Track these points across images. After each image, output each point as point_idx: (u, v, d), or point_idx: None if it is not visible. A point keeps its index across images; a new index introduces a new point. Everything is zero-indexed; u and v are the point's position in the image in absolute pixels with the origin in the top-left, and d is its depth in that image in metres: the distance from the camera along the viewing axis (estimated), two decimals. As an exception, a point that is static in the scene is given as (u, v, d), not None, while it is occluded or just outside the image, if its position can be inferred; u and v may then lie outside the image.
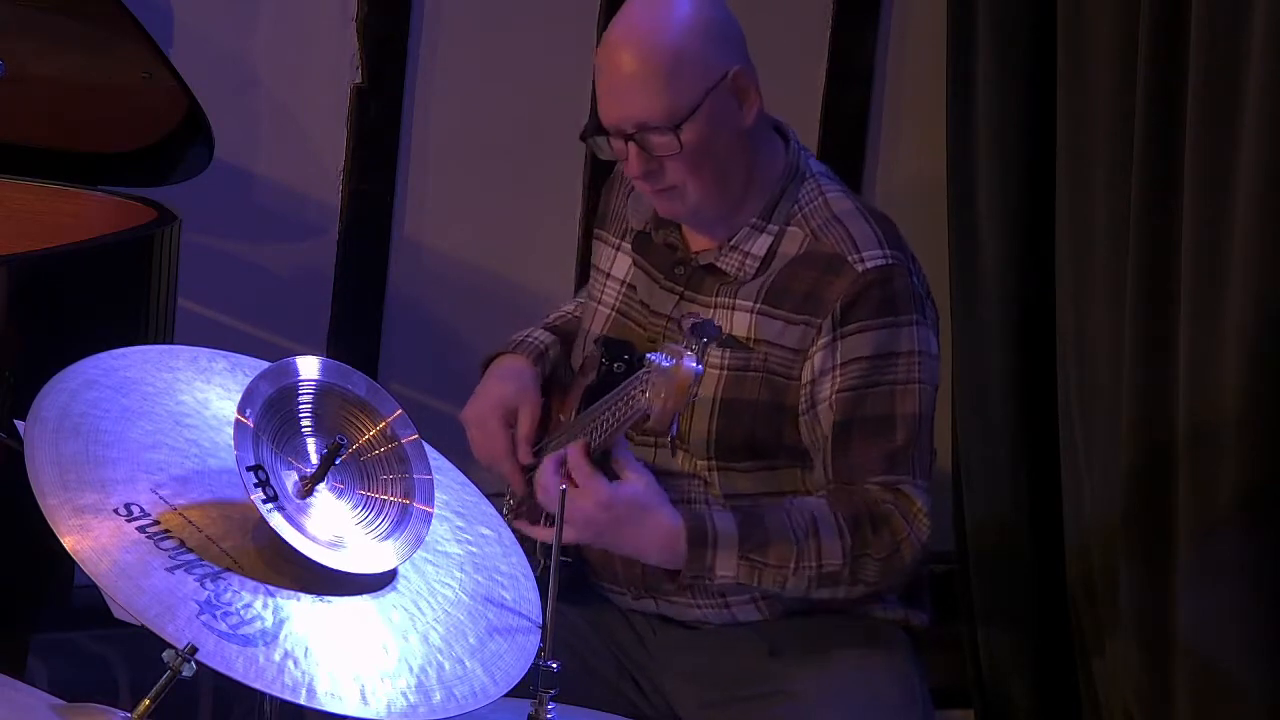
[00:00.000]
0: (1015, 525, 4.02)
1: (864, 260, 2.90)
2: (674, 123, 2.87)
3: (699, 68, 2.89)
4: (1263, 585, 3.39)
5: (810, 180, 2.99)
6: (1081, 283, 3.75)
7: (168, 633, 2.16)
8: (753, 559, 2.88)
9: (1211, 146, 3.36)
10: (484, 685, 2.30)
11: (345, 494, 2.34)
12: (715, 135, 2.90)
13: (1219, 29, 3.33)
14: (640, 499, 2.86)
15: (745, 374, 2.93)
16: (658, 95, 2.87)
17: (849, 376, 2.89)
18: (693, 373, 2.62)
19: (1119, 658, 3.68)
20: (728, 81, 2.90)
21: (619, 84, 2.91)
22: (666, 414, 2.66)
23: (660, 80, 2.87)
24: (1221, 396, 3.38)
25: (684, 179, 2.92)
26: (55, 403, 2.34)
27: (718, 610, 3.00)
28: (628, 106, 2.90)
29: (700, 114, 2.87)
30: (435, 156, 4.17)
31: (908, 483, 2.91)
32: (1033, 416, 3.98)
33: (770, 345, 2.92)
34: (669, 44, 2.88)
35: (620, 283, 3.08)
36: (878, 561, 2.89)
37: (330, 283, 4.14)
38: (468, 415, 3.09)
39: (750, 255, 2.95)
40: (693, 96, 2.87)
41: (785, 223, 2.96)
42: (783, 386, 2.92)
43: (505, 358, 3.15)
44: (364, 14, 4.05)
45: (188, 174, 3.58)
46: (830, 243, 2.93)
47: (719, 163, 2.92)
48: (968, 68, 4.03)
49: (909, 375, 2.91)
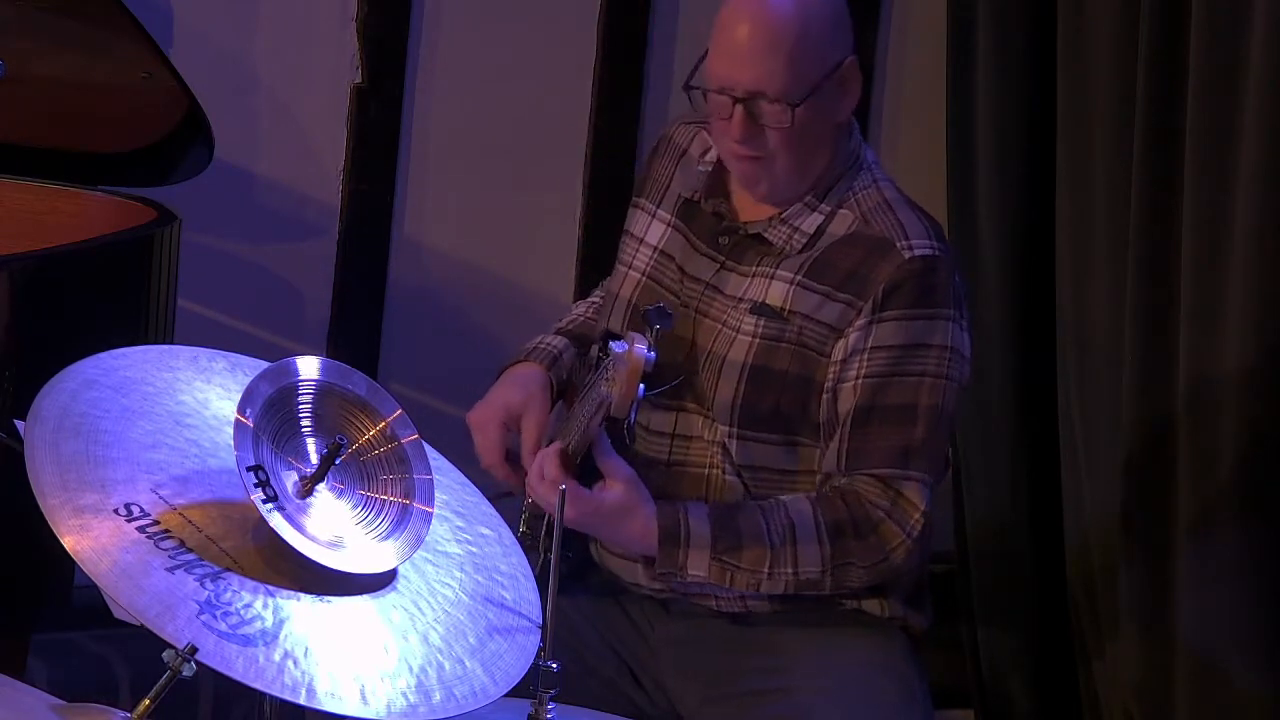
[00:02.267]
0: (1015, 525, 4.02)
1: (912, 248, 2.90)
2: (791, 99, 2.87)
3: (823, 50, 2.89)
4: (1263, 585, 3.39)
5: (866, 170, 3.00)
6: (1081, 283, 3.75)
7: (168, 633, 2.16)
8: (725, 560, 2.88)
9: (1211, 146, 3.36)
10: (484, 685, 2.30)
11: (345, 494, 2.34)
12: (819, 120, 2.91)
13: (1219, 29, 3.33)
14: (620, 501, 2.87)
15: (778, 344, 2.92)
16: (783, 69, 2.87)
17: (877, 362, 2.89)
18: (643, 358, 2.64)
19: (1119, 658, 3.68)
20: (841, 69, 2.91)
21: (743, 47, 2.89)
22: (624, 400, 2.66)
23: (786, 54, 2.87)
24: (1221, 396, 3.38)
25: (779, 152, 2.92)
26: (55, 403, 2.34)
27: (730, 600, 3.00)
28: (749, 70, 2.88)
29: (814, 96, 2.88)
30: (435, 156, 4.17)
31: (913, 480, 2.89)
32: (1033, 416, 3.98)
33: (806, 319, 2.92)
34: (801, 19, 2.88)
35: (654, 249, 3.08)
36: (863, 568, 2.89)
37: (330, 283, 4.14)
38: (471, 419, 3.09)
39: (799, 230, 2.96)
40: (813, 77, 2.88)
41: (838, 205, 2.96)
42: (814, 361, 2.92)
43: (517, 365, 3.15)
44: (364, 14, 4.05)
45: (188, 174, 3.58)
46: (880, 227, 2.93)
47: (811, 147, 2.93)
48: (968, 67, 4.03)
49: (939, 369, 2.90)
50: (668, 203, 3.10)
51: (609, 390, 2.69)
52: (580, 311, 3.28)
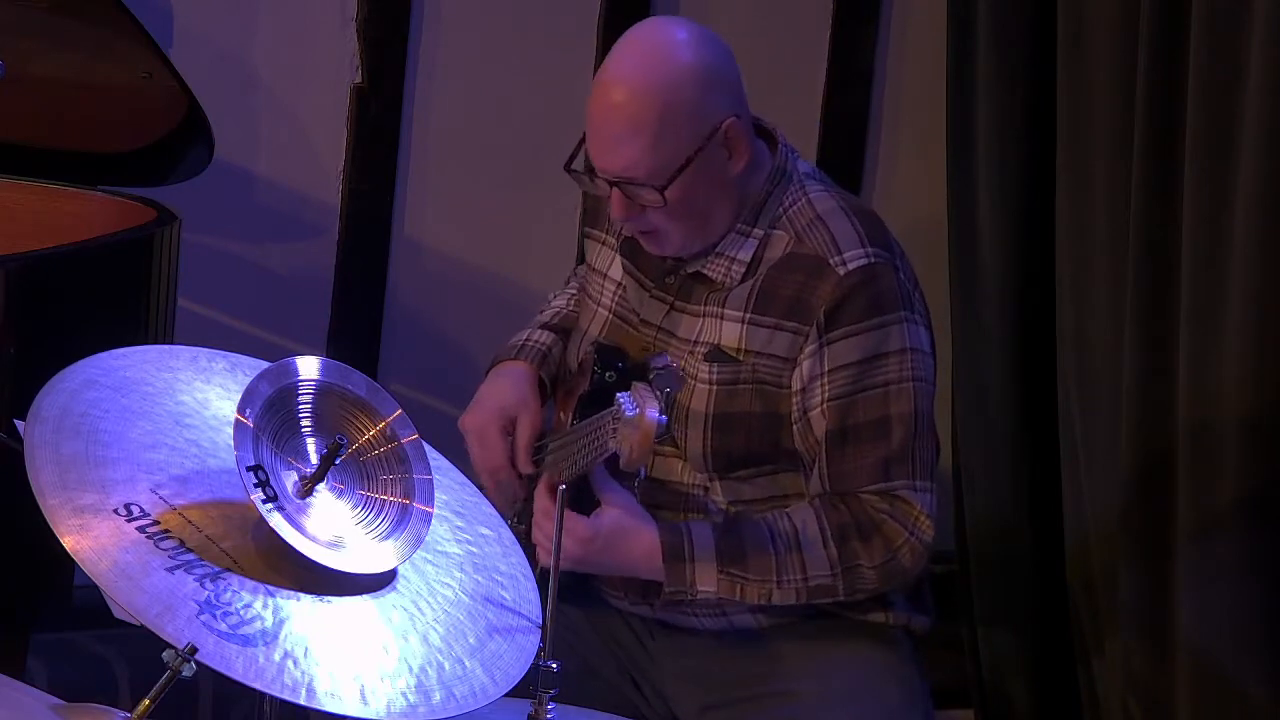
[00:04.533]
0: (1015, 525, 4.02)
1: (846, 262, 2.87)
2: (659, 182, 2.83)
3: (690, 124, 2.83)
4: (1263, 585, 3.39)
5: (795, 182, 2.95)
6: (1081, 283, 3.75)
7: (168, 633, 2.16)
8: (732, 573, 2.87)
9: (1211, 147, 3.35)
10: (484, 685, 2.30)
11: (345, 494, 2.34)
12: (701, 187, 2.86)
13: (1219, 29, 3.33)
14: (619, 524, 2.86)
15: (736, 387, 2.91)
16: (644, 153, 2.82)
17: (838, 384, 2.87)
18: (655, 423, 2.62)
19: (1119, 658, 3.68)
20: (719, 135, 2.85)
21: (607, 132, 2.85)
22: (634, 462, 2.67)
23: (648, 138, 2.82)
24: (1221, 396, 3.38)
25: (667, 225, 2.90)
26: (55, 403, 2.33)
27: (715, 618, 2.99)
28: (614, 157, 2.85)
29: (687, 172, 2.83)
30: (435, 156, 4.17)
31: (905, 487, 2.88)
32: (1033, 416, 3.98)
33: (759, 355, 2.90)
34: (660, 100, 2.82)
35: (616, 284, 3.07)
36: (873, 570, 2.88)
37: (330, 283, 4.14)
38: (466, 424, 3.08)
39: (736, 260, 2.93)
40: (680, 155, 2.83)
41: (770, 226, 2.93)
42: (775, 395, 2.90)
43: (506, 363, 3.14)
44: (364, 14, 4.05)
45: (188, 174, 3.58)
46: (812, 244, 2.90)
47: (703, 209, 2.89)
48: (968, 68, 4.03)
49: (901, 374, 2.88)
50: (614, 231, 3.08)
51: (617, 446, 2.68)
52: (560, 304, 3.26)
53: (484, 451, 3.05)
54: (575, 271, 3.30)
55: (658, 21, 2.98)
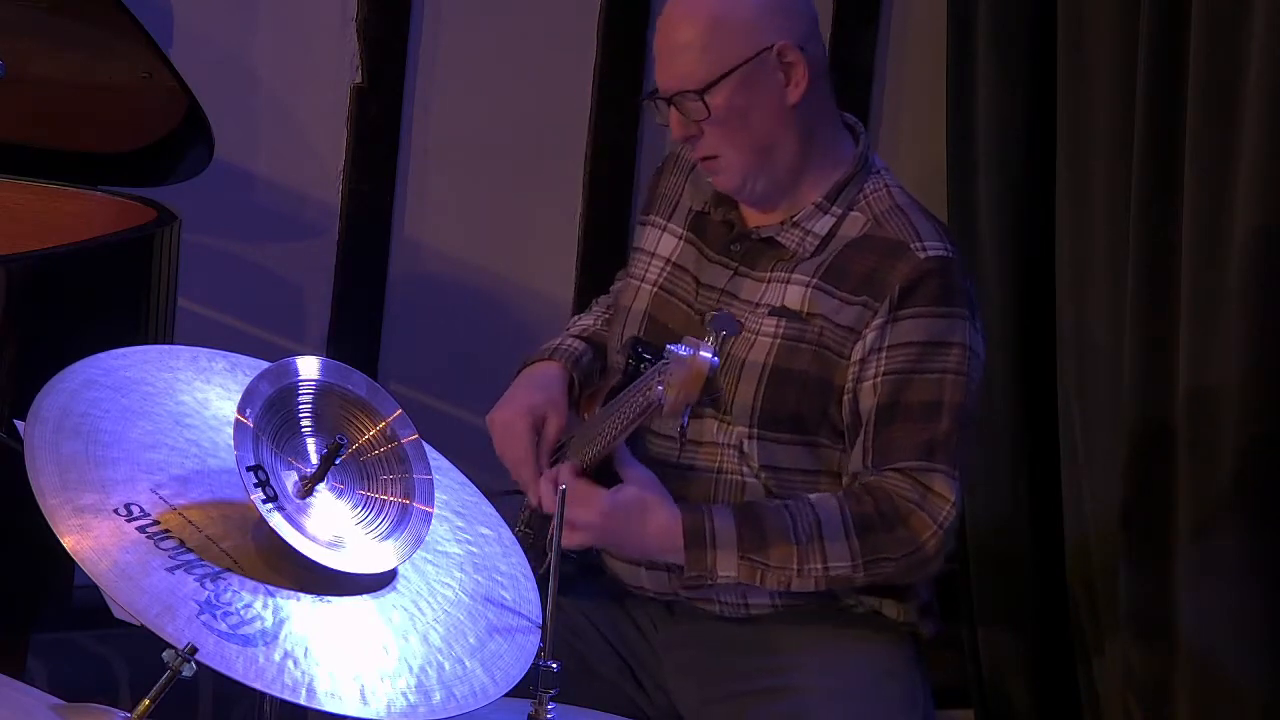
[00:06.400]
0: (1015, 525, 4.02)
1: (926, 249, 2.89)
2: (698, 87, 2.87)
3: (739, 35, 2.88)
4: (1263, 584, 3.39)
5: (876, 174, 2.99)
6: (1081, 283, 3.75)
7: (168, 633, 2.16)
8: (753, 559, 2.87)
9: (1211, 146, 3.36)
10: (484, 685, 2.30)
11: (345, 494, 2.34)
12: (749, 106, 2.89)
13: (1219, 29, 3.33)
14: (638, 499, 2.86)
15: (799, 345, 2.92)
16: (693, 61, 2.87)
17: (897, 359, 2.88)
18: (708, 364, 2.64)
19: (1119, 658, 3.68)
20: (771, 54, 2.89)
21: (662, 47, 2.92)
22: (678, 404, 2.67)
23: (696, 45, 2.87)
24: (1221, 396, 3.38)
25: (719, 148, 2.92)
26: (55, 403, 2.33)
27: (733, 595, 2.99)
28: (667, 70, 2.91)
29: (730, 81, 2.87)
30: (435, 156, 4.17)
31: (940, 472, 2.87)
32: (1033, 416, 3.98)
33: (825, 321, 2.92)
34: (712, 9, 2.88)
35: (666, 260, 3.08)
36: (894, 561, 2.88)
37: (330, 283, 4.14)
38: (494, 418, 3.07)
39: (811, 233, 2.95)
40: (724, 63, 2.87)
41: (849, 208, 2.95)
42: (834, 363, 2.91)
43: (539, 364, 3.13)
44: (364, 14, 4.05)
45: (188, 174, 3.58)
46: (893, 229, 2.92)
47: (756, 136, 2.91)
48: (968, 68, 4.03)
49: (960, 366, 2.89)
50: (679, 216, 3.09)
51: (663, 393, 2.69)
52: (589, 322, 3.25)
53: (510, 444, 3.04)
54: (597, 299, 3.30)
55: None
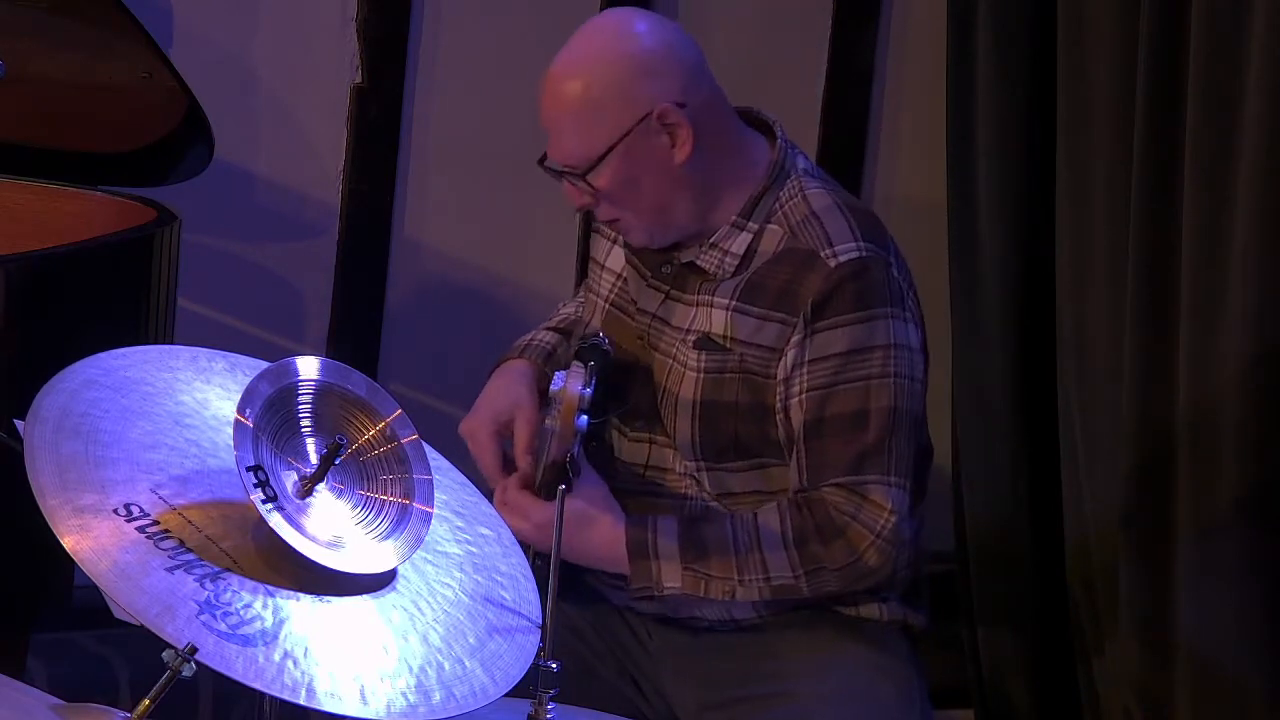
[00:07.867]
0: (1015, 525, 4.02)
1: (836, 255, 2.86)
2: (581, 170, 2.85)
3: (612, 110, 2.84)
4: (1263, 585, 3.39)
5: (793, 178, 2.95)
6: (1081, 283, 3.75)
7: (168, 633, 2.16)
8: (695, 569, 2.87)
9: (1211, 146, 3.36)
10: (484, 685, 2.30)
11: (345, 494, 2.34)
12: (637, 174, 2.86)
13: (1219, 29, 3.33)
14: (581, 513, 2.86)
15: (723, 375, 2.91)
16: (570, 144, 2.85)
17: (818, 375, 2.86)
18: (577, 395, 2.66)
19: (1119, 658, 3.68)
20: (651, 120, 2.84)
21: (543, 120, 2.90)
22: (565, 434, 2.68)
23: (570, 129, 2.85)
24: (1221, 396, 3.38)
25: (618, 213, 2.91)
26: (55, 403, 2.34)
27: (716, 607, 2.99)
28: (552, 145, 2.89)
29: (612, 158, 2.84)
30: (435, 156, 4.17)
31: (877, 482, 2.85)
32: (1033, 416, 3.98)
33: (746, 345, 2.90)
34: (581, 88, 2.84)
35: (615, 275, 3.07)
36: (835, 572, 2.87)
37: (330, 283, 4.14)
38: (463, 430, 3.07)
39: (729, 253, 2.92)
40: (603, 142, 2.84)
41: (765, 220, 2.92)
42: (762, 385, 2.90)
43: (508, 362, 3.14)
44: (364, 14, 4.05)
45: (188, 174, 3.58)
46: (805, 239, 2.89)
47: (650, 199, 2.89)
48: (968, 68, 4.03)
49: (884, 369, 2.86)
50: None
51: (551, 425, 2.72)
52: (569, 311, 3.27)
53: (475, 456, 3.04)
54: (586, 281, 3.31)
55: (610, 11, 3.00)
